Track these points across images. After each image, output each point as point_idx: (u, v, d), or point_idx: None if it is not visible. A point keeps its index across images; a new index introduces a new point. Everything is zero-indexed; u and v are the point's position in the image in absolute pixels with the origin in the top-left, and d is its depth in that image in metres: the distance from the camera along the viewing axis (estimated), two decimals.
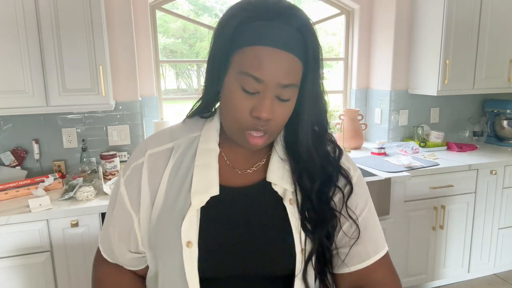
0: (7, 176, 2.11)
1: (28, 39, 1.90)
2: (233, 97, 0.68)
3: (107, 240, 0.83)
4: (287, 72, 0.66)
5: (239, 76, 0.67)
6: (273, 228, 0.75)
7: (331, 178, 0.78)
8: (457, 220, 2.55)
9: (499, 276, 2.79)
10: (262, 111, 0.66)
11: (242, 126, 0.70)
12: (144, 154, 0.78)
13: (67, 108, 2.03)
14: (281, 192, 0.76)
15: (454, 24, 2.57)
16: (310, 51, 0.69)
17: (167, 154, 0.78)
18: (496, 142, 3.05)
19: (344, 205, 0.77)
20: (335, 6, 3.01)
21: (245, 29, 0.66)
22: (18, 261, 1.77)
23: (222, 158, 0.79)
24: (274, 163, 0.78)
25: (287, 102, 0.69)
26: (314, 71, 0.71)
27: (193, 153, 0.77)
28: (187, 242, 0.71)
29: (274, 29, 0.65)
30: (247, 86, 0.66)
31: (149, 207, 0.77)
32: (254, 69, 0.65)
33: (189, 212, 0.72)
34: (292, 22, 0.66)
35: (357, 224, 0.77)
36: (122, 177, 0.80)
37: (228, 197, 0.76)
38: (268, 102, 0.67)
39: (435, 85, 2.65)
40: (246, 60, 0.66)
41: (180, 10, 2.82)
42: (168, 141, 0.79)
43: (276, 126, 0.71)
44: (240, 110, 0.68)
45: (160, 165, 0.77)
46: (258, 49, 0.65)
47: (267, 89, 0.66)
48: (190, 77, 3.39)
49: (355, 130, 2.85)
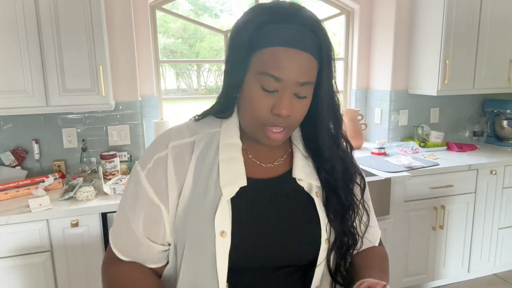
0: (7, 176, 2.11)
1: (28, 39, 1.90)
2: (253, 96, 0.73)
3: (126, 237, 0.80)
4: (304, 70, 0.71)
5: (258, 76, 0.71)
6: (301, 219, 0.80)
7: (350, 172, 0.84)
8: (457, 220, 2.55)
9: (499, 276, 2.79)
10: (282, 108, 0.71)
11: (262, 123, 0.74)
12: (167, 146, 0.79)
13: (67, 108, 2.03)
14: (306, 186, 0.81)
15: (454, 24, 2.57)
16: (324, 50, 0.73)
17: (189, 147, 0.79)
18: (496, 142, 3.05)
19: (362, 197, 0.86)
20: (335, 6, 3.01)
21: (262, 31, 0.71)
22: (18, 261, 1.77)
23: (245, 153, 0.82)
24: (298, 160, 0.82)
25: (304, 99, 0.74)
26: (328, 69, 0.75)
27: (215, 148, 0.79)
28: (221, 231, 0.73)
29: (290, 31, 0.70)
30: (267, 85, 0.71)
31: (176, 198, 0.78)
32: (273, 69, 0.70)
33: (221, 203, 0.74)
34: (305, 23, 0.72)
35: (368, 214, 0.88)
36: (141, 171, 0.79)
37: (256, 189, 0.79)
38: (287, 100, 0.71)
39: (435, 85, 2.65)
40: (265, 60, 0.70)
41: (180, 10, 2.82)
42: (189, 135, 0.80)
43: (295, 122, 0.76)
44: (260, 108, 0.72)
45: (185, 157, 0.78)
46: (276, 49, 0.70)
47: (285, 87, 0.71)
48: (190, 77, 3.39)
49: (355, 130, 2.85)
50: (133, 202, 0.79)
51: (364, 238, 0.88)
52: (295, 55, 0.70)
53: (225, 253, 0.73)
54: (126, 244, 0.81)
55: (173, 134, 0.81)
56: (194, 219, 0.76)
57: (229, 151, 0.78)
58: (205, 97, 3.16)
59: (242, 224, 0.75)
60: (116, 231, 0.82)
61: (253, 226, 0.77)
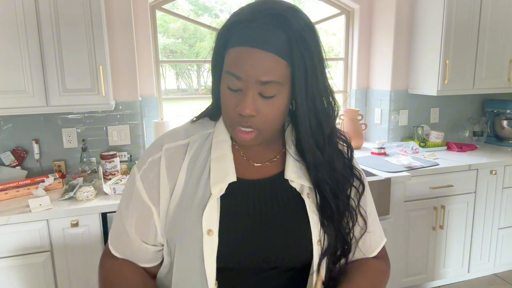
0: (7, 176, 2.11)
1: (28, 39, 1.90)
2: (223, 96, 0.74)
3: (121, 236, 0.82)
4: (266, 69, 0.68)
5: (225, 75, 0.72)
6: (291, 220, 0.79)
7: (345, 176, 0.81)
8: (457, 220, 2.55)
9: (499, 276, 2.79)
10: (243, 107, 0.70)
11: (231, 123, 0.74)
12: (160, 149, 0.80)
13: (67, 108, 2.03)
14: (298, 188, 0.80)
15: (454, 24, 2.57)
16: (296, 49, 0.69)
17: (183, 149, 0.81)
18: (496, 142, 3.05)
19: (358, 202, 0.83)
20: (335, 6, 3.01)
21: (232, 31, 0.72)
22: (18, 261, 1.77)
23: (237, 151, 0.82)
24: (290, 162, 0.81)
25: (271, 99, 0.71)
26: (303, 69, 0.70)
27: (208, 148, 0.80)
28: (208, 230, 0.73)
29: (254, 30, 0.69)
30: (231, 84, 0.71)
31: (168, 199, 0.79)
32: (233, 68, 0.70)
33: (210, 201, 0.75)
34: (273, 21, 0.69)
35: (365, 220, 0.84)
36: (137, 172, 0.81)
37: (246, 189, 0.79)
38: (249, 98, 0.70)
39: (435, 85, 2.65)
40: (229, 60, 0.71)
41: (180, 10, 2.82)
42: (183, 138, 0.82)
43: (264, 123, 0.72)
44: (227, 107, 0.73)
45: (178, 158, 0.80)
46: (237, 49, 0.70)
47: (247, 86, 0.70)
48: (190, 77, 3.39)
49: (355, 130, 2.85)
50: (128, 203, 0.82)
51: (358, 247, 0.84)
52: (256, 54, 0.68)
53: (212, 252, 0.73)
54: (120, 243, 0.83)
55: (167, 137, 0.83)
56: (183, 218, 0.76)
57: (219, 149, 0.79)
58: (205, 97, 3.16)
59: (230, 224, 0.75)
60: (113, 230, 0.85)
61: (241, 226, 0.76)
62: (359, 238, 0.84)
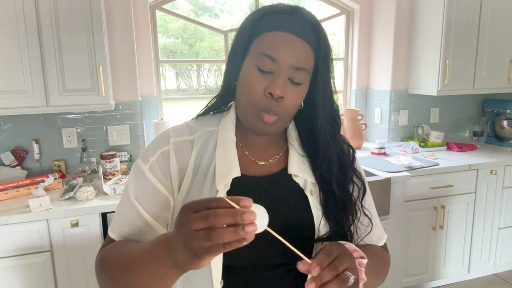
0: (7, 176, 2.11)
1: (28, 39, 1.90)
2: (249, 77, 0.74)
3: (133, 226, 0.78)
4: (300, 56, 0.73)
5: (256, 57, 0.74)
6: (295, 217, 0.79)
7: (348, 172, 0.84)
8: (457, 220, 2.55)
9: (499, 276, 2.79)
10: (275, 88, 0.71)
11: (256, 106, 0.74)
12: (168, 142, 0.80)
13: (67, 108, 2.03)
14: (302, 183, 0.81)
15: (454, 24, 2.57)
16: (322, 48, 0.76)
17: (189, 144, 0.81)
18: (496, 142, 3.05)
19: (361, 201, 0.85)
20: (335, 6, 3.01)
21: (264, 20, 0.75)
22: (18, 261, 1.77)
23: (241, 149, 0.83)
24: (293, 157, 0.83)
25: (299, 86, 0.75)
26: (325, 68, 0.77)
27: (213, 145, 0.81)
28: None
29: (291, 20, 0.74)
30: (263, 65, 0.73)
31: (176, 193, 0.79)
32: (270, 50, 0.72)
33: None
34: (307, 19, 0.75)
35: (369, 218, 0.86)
36: (144, 165, 0.79)
37: (251, 185, 0.80)
38: (281, 81, 0.72)
39: (435, 85, 2.65)
40: (264, 42, 0.74)
41: (180, 10, 2.82)
42: (188, 134, 0.82)
43: (287, 109, 0.75)
44: (255, 89, 0.74)
45: (186, 153, 0.80)
46: (275, 33, 0.73)
47: (280, 69, 0.72)
48: (190, 77, 3.39)
49: (355, 130, 2.85)
50: (139, 193, 0.78)
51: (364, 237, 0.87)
52: (293, 40, 0.72)
53: None
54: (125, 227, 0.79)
55: (172, 132, 0.83)
56: None
57: (223, 146, 0.80)
58: (205, 97, 3.16)
59: None
60: (117, 219, 0.80)
61: None
62: (363, 237, 0.86)
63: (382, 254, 0.90)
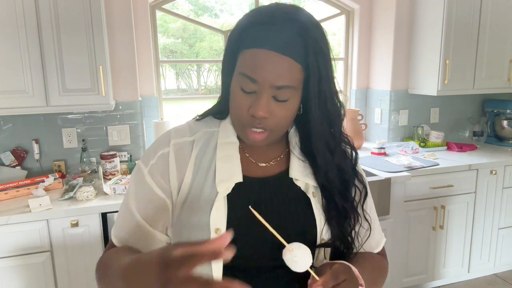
0: (7, 176, 2.11)
1: (28, 39, 1.90)
2: (234, 96, 0.74)
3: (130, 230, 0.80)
4: (282, 74, 0.69)
5: (239, 76, 0.72)
6: (297, 218, 0.79)
7: (349, 178, 0.83)
8: (457, 220, 2.55)
9: (499, 276, 2.79)
10: (257, 109, 0.70)
11: (242, 123, 0.74)
12: (168, 144, 0.81)
13: (67, 108, 2.03)
14: (303, 186, 0.81)
15: (454, 24, 2.57)
16: (311, 55, 0.71)
17: (189, 145, 0.81)
18: (496, 142, 3.05)
19: (362, 205, 0.84)
20: (335, 6, 3.01)
21: (248, 32, 0.72)
22: (18, 261, 1.77)
23: (241, 151, 0.83)
24: (294, 161, 0.82)
25: (284, 102, 0.72)
26: (317, 75, 0.72)
27: (213, 146, 0.81)
28: (216, 229, 0.74)
29: (273, 33, 0.69)
30: (244, 86, 0.71)
31: (176, 195, 0.79)
32: (249, 70, 0.70)
33: (217, 200, 0.75)
34: (293, 26, 0.69)
35: (370, 224, 0.86)
36: (144, 167, 0.80)
37: (252, 187, 0.79)
38: (263, 101, 0.70)
39: (435, 85, 2.65)
40: (245, 61, 0.71)
41: (180, 10, 2.82)
42: (189, 135, 0.82)
43: (277, 125, 0.74)
44: (239, 108, 0.73)
45: (185, 154, 0.80)
46: (255, 51, 0.70)
47: (261, 89, 0.70)
48: (190, 77, 3.39)
49: (355, 130, 2.85)
50: (138, 197, 0.80)
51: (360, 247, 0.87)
52: (273, 58, 0.68)
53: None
54: (130, 238, 0.80)
55: (174, 133, 0.83)
56: (190, 216, 0.76)
57: (226, 150, 0.80)
58: (205, 97, 3.16)
59: (237, 222, 0.75)
60: (118, 222, 0.83)
61: (248, 225, 0.76)
62: (363, 241, 0.86)
63: (380, 264, 0.90)
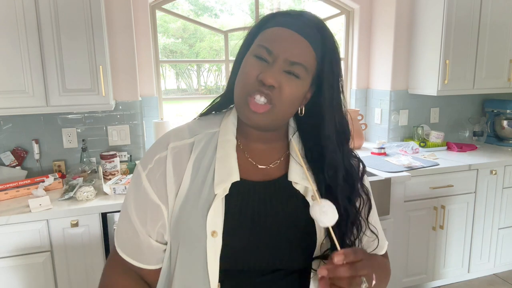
0: (7, 176, 2.11)
1: (28, 39, 1.90)
2: (245, 65, 0.75)
3: (129, 236, 0.81)
4: (297, 51, 0.72)
5: (255, 48, 0.75)
6: (296, 223, 0.78)
7: (354, 184, 0.82)
8: (457, 220, 2.55)
9: (499, 276, 2.79)
10: (267, 75, 0.71)
11: (247, 90, 0.73)
12: (166, 148, 0.80)
13: (67, 108, 2.03)
14: (302, 190, 0.79)
15: (454, 24, 2.57)
16: (328, 52, 0.75)
17: (188, 148, 0.80)
18: (496, 142, 3.05)
19: (367, 217, 0.84)
20: (335, 6, 3.01)
21: (270, 19, 0.77)
22: (18, 261, 1.77)
23: (242, 152, 0.82)
24: (294, 164, 0.81)
25: (296, 78, 0.73)
26: (331, 74, 0.75)
27: (214, 147, 0.80)
28: (212, 231, 0.73)
29: (296, 19, 0.74)
30: (259, 53, 0.73)
31: (173, 199, 0.78)
32: (268, 42, 0.73)
33: (214, 202, 0.74)
34: (313, 20, 0.76)
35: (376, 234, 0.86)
36: (142, 171, 0.80)
37: (251, 190, 0.79)
38: (275, 69, 0.71)
39: (435, 85, 2.65)
40: (264, 36, 0.75)
41: (180, 10, 2.82)
42: (188, 137, 0.82)
43: (282, 100, 0.73)
44: (248, 74, 0.73)
45: (184, 157, 0.79)
46: (276, 29, 0.74)
47: (275, 60, 0.72)
48: (190, 77, 3.39)
49: (355, 130, 2.85)
50: (135, 201, 0.80)
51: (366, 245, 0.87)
52: (292, 35, 0.72)
53: (216, 253, 0.73)
54: (127, 243, 0.81)
55: (173, 135, 0.82)
56: (187, 218, 0.76)
57: (224, 149, 0.79)
58: (205, 97, 3.16)
59: (234, 225, 0.75)
60: (120, 230, 0.83)
61: (245, 228, 0.76)
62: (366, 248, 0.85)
63: (384, 265, 0.88)
